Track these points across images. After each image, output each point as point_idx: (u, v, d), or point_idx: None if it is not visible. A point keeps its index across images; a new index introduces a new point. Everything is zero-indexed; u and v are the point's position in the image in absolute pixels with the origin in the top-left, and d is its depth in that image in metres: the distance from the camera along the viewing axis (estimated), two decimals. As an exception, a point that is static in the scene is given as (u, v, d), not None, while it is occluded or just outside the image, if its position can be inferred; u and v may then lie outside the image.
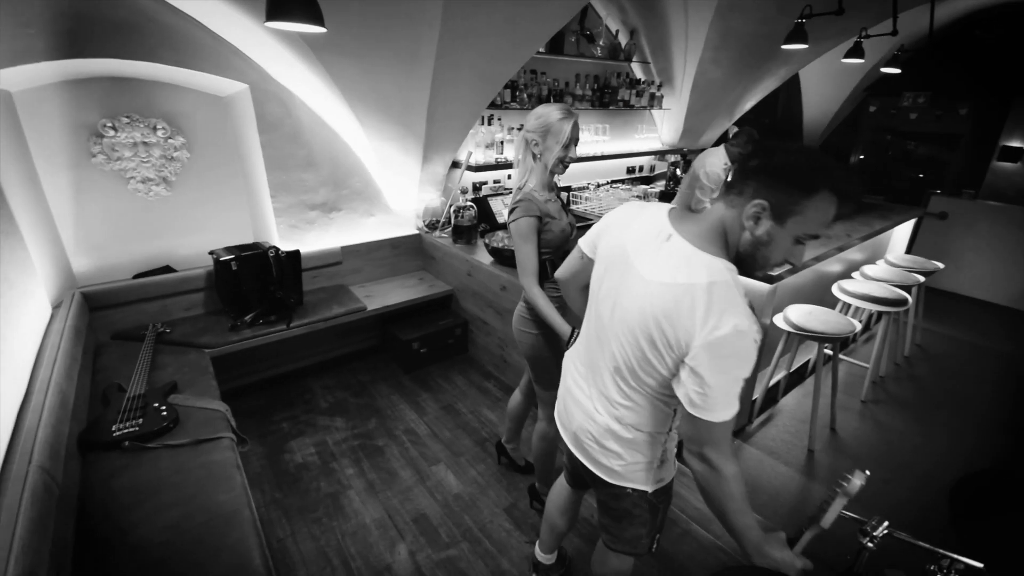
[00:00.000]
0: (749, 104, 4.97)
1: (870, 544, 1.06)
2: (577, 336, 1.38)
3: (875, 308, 3.12)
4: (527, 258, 1.62)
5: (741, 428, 3.08)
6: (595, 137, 4.18)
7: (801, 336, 2.85)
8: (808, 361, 3.75)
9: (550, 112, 1.55)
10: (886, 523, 1.08)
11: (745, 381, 0.90)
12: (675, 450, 1.21)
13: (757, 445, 2.98)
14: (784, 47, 3.10)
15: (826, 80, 6.01)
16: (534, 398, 1.97)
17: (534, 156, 1.60)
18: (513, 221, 1.60)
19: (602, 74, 4.14)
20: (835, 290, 3.36)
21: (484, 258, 2.94)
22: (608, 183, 4.58)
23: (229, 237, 2.95)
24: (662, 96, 4.49)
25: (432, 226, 3.42)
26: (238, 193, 3.03)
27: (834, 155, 6.13)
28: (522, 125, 3.64)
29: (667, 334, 0.94)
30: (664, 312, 0.94)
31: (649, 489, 1.18)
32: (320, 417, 2.68)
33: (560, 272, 1.41)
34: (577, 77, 3.93)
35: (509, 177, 3.87)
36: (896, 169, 6.19)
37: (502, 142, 3.58)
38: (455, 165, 3.45)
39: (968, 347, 4.07)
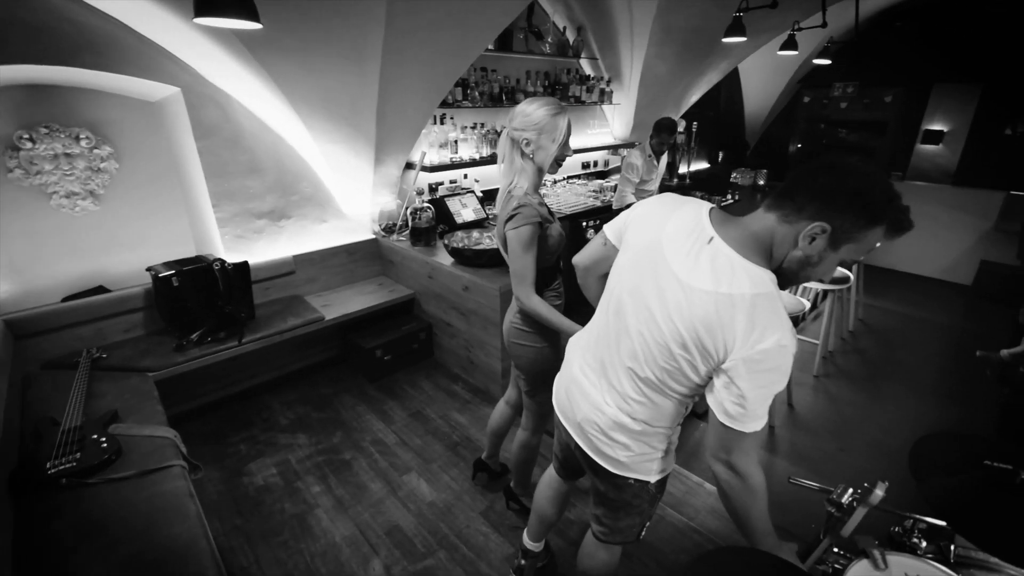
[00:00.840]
0: (694, 97, 5.13)
1: (838, 513, 1.09)
2: None
3: (821, 287, 3.29)
4: (526, 268, 1.49)
5: (705, 411, 3.16)
6: (549, 134, 4.20)
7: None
8: (764, 342, 3.90)
9: (542, 108, 1.44)
10: (851, 490, 1.11)
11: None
12: (677, 442, 1.19)
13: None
14: (724, 40, 3.21)
15: (763, 73, 6.29)
16: (520, 409, 1.90)
17: (522, 155, 1.48)
18: (514, 229, 1.45)
19: (552, 71, 4.16)
20: (785, 272, 3.50)
21: (444, 259, 2.89)
22: (564, 179, 4.61)
23: (169, 251, 2.77)
24: (612, 91, 4.56)
25: (389, 230, 3.33)
26: (176, 204, 2.84)
27: (774, 145, 6.41)
28: (476, 124, 3.68)
29: (704, 343, 0.91)
30: (704, 321, 0.90)
31: (652, 480, 1.17)
32: (281, 435, 2.56)
33: (580, 258, 1.35)
34: (528, 74, 3.93)
35: (465, 177, 3.83)
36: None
37: (456, 141, 3.53)
38: (409, 166, 3.38)
39: (905, 319, 4.35)
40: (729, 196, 4.30)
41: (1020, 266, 4.36)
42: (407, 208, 3.19)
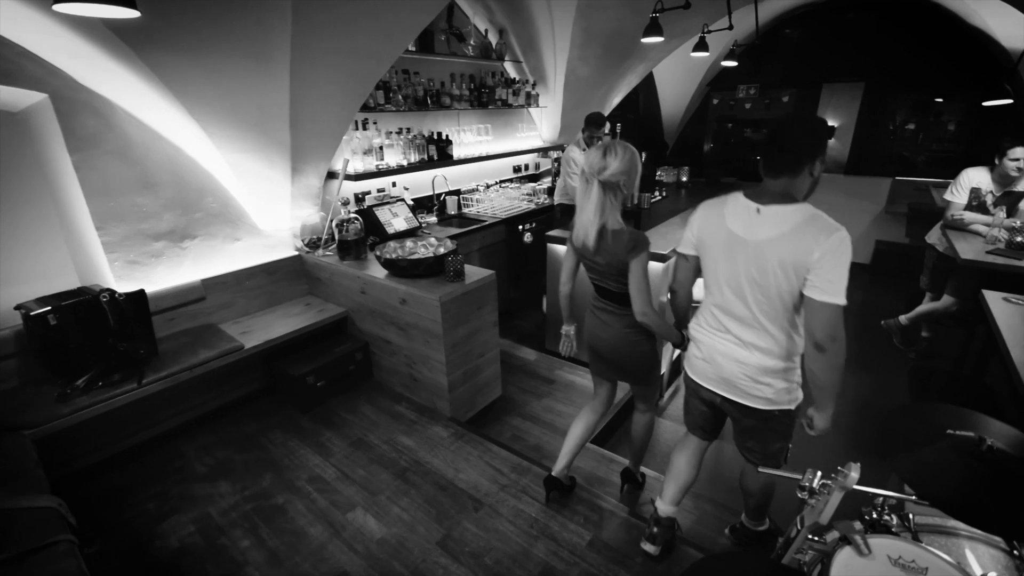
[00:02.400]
0: (616, 99, 5.27)
1: (810, 499, 1.06)
2: (688, 341, 1.72)
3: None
4: (648, 287, 1.72)
5: (654, 403, 3.19)
6: (478, 138, 4.10)
7: (695, 308, 3.04)
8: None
9: (626, 152, 1.66)
10: (819, 474, 1.09)
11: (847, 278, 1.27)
12: (801, 380, 1.48)
13: (670, 417, 3.10)
14: (643, 40, 3.29)
15: (676, 77, 6.62)
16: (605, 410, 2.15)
17: (616, 196, 1.68)
18: (638, 259, 1.68)
19: (477, 74, 4.08)
20: (715, 262, 3.66)
21: (377, 272, 2.69)
22: (497, 183, 4.54)
23: (46, 286, 2.34)
24: (538, 95, 4.57)
25: (313, 245, 3.07)
26: (51, 229, 2.43)
27: (690, 144, 6.75)
28: (402, 129, 3.52)
29: (796, 263, 1.30)
30: (788, 250, 1.31)
31: (792, 408, 1.50)
32: (198, 485, 2.23)
33: (678, 284, 1.71)
34: (452, 77, 3.82)
35: (394, 185, 3.64)
36: (739, 153, 7.03)
37: (381, 147, 3.34)
38: (331, 176, 3.15)
39: (820, 299, 4.69)
40: (656, 193, 4.43)
41: (910, 244, 4.86)
42: (332, 220, 2.96)
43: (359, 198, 3.41)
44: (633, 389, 2.08)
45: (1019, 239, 2.76)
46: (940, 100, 5.57)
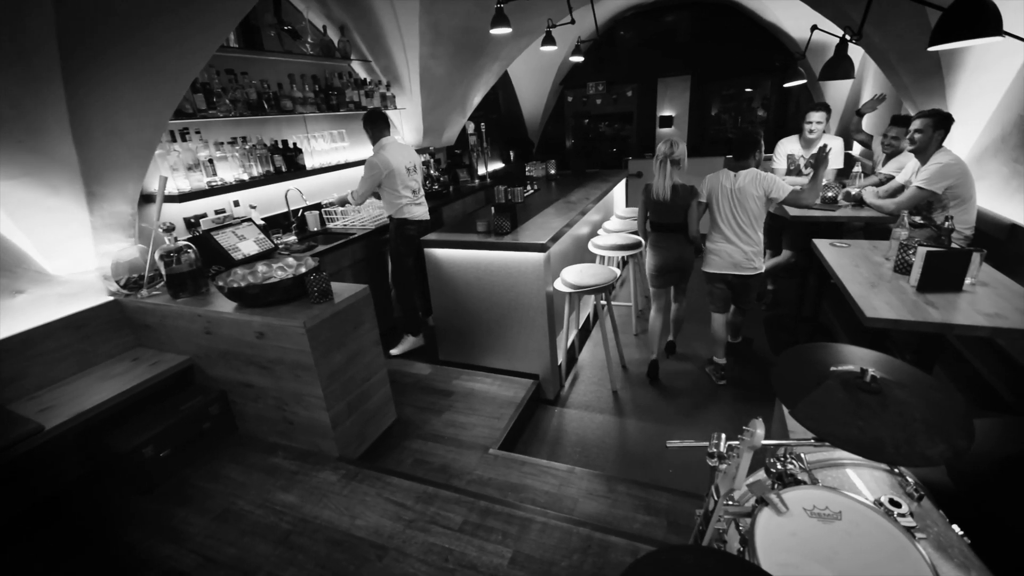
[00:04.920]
0: (476, 99, 5.23)
1: (721, 464, 1.02)
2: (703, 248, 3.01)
3: (622, 254, 3.63)
4: (697, 218, 2.94)
5: (556, 395, 3.16)
6: (333, 144, 3.75)
7: (581, 293, 3.07)
8: (588, 315, 4.15)
9: (681, 142, 2.91)
10: (724, 436, 1.06)
11: None
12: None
13: (573, 405, 3.10)
14: (492, 32, 3.24)
15: (530, 76, 6.82)
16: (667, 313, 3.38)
17: (678, 166, 2.89)
18: (695, 199, 2.88)
19: (321, 75, 3.72)
20: (591, 247, 3.77)
21: (225, 306, 2.27)
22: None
23: None
24: (394, 96, 4.33)
25: (134, 285, 2.50)
26: None
27: (553, 141, 6.98)
28: (236, 139, 3.09)
29: (760, 195, 2.72)
30: (758, 189, 2.71)
31: (764, 270, 2.92)
32: (-8, 627, 1.65)
33: (699, 223, 2.93)
34: (292, 78, 3.42)
35: (237, 204, 3.16)
36: (597, 146, 7.49)
37: (211, 161, 2.85)
38: (149, 199, 2.61)
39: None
40: (529, 187, 4.46)
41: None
42: (155, 252, 2.43)
43: (192, 222, 2.88)
44: (678, 288, 3.25)
45: (829, 194, 3.23)
46: (750, 90, 6.47)
